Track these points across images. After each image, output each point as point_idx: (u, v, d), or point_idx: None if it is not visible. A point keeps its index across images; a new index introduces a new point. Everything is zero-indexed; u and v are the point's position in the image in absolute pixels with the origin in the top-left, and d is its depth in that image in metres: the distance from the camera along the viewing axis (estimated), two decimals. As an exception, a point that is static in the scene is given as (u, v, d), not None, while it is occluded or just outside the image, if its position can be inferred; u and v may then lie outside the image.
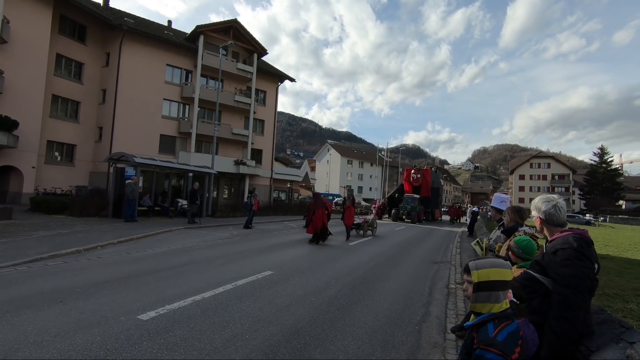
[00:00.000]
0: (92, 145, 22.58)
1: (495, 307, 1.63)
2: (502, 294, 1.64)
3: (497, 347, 1.50)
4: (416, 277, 7.77)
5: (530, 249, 2.79)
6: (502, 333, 1.55)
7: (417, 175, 30.72)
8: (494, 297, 1.64)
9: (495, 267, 1.67)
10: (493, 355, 1.49)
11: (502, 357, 1.48)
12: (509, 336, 1.55)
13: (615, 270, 8.95)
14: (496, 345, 1.51)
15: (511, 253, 2.88)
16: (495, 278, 1.64)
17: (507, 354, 1.49)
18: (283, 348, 3.69)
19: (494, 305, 1.64)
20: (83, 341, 3.50)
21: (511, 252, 2.88)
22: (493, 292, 1.64)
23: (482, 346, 1.54)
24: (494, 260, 1.73)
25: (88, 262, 7.08)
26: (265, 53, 29.11)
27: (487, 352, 1.51)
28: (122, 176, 15.34)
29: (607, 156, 71.78)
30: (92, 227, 11.53)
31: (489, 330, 1.58)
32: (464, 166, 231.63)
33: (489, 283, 1.64)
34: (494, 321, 1.59)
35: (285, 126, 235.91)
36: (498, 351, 1.49)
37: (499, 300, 1.64)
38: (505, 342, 1.52)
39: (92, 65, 22.36)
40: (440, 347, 4.13)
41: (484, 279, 1.65)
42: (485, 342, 1.54)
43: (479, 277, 1.66)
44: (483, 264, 1.69)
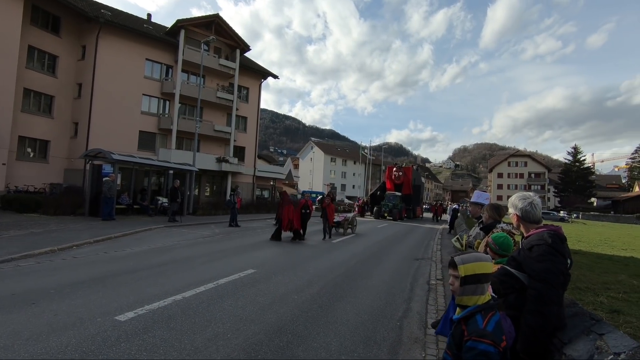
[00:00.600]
0: (67, 141, 21.78)
1: (481, 299, 1.69)
2: (486, 286, 1.71)
3: (489, 337, 1.54)
4: (398, 274, 7.87)
5: (506, 246, 2.86)
6: (490, 323, 1.60)
7: (398, 173, 30.97)
8: (479, 289, 1.70)
9: (480, 260, 1.73)
10: (485, 346, 1.53)
11: (493, 346, 1.52)
12: (496, 325, 1.60)
13: (587, 265, 9.33)
14: (487, 335, 1.55)
15: (489, 249, 2.96)
16: (481, 271, 1.70)
17: (497, 342, 1.53)
18: (265, 347, 3.67)
19: (479, 297, 1.69)
20: (57, 344, 3.39)
21: (489, 248, 2.96)
22: (479, 285, 1.70)
23: (474, 338, 1.57)
24: (477, 254, 1.79)
25: (63, 262, 6.84)
26: (248, 49, 28.76)
27: (479, 344, 1.54)
28: (99, 173, 14.88)
29: (580, 155, 74.74)
30: (67, 226, 11.14)
31: (478, 321, 1.62)
32: (445, 164, 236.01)
33: (476, 276, 1.69)
34: (481, 312, 1.64)
35: (269, 123, 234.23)
36: (490, 341, 1.53)
37: (484, 292, 1.70)
38: (494, 332, 1.56)
39: (67, 58, 21.52)
40: (421, 342, 4.20)
41: (470, 273, 1.70)
42: (477, 333, 1.58)
43: (466, 271, 1.71)
44: (469, 259, 1.74)
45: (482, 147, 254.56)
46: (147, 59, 23.50)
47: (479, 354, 1.53)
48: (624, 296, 6.00)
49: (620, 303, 5.54)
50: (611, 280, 7.32)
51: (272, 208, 25.87)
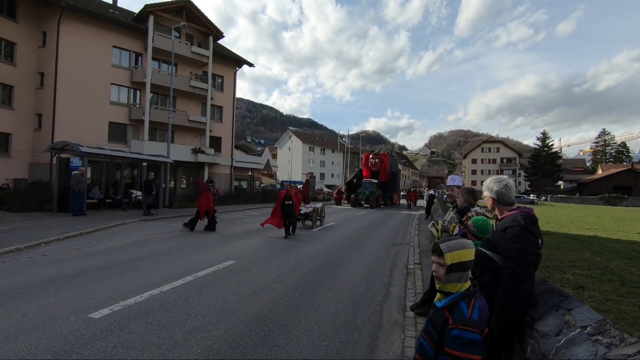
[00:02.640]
0: (31, 133, 20.60)
1: (464, 286, 1.68)
2: (466, 273, 1.69)
3: (475, 325, 1.53)
4: (377, 260, 8.01)
5: (485, 229, 2.95)
6: (475, 311, 1.59)
7: (375, 160, 30.77)
8: (464, 276, 1.68)
9: (465, 248, 1.69)
10: (472, 335, 1.52)
11: (479, 334, 1.52)
12: (480, 313, 1.60)
13: (555, 244, 9.80)
14: (474, 324, 1.54)
15: (469, 232, 3.04)
16: (467, 259, 1.67)
17: (482, 330, 1.54)
18: (246, 337, 3.66)
19: (463, 284, 1.68)
20: (26, 345, 3.24)
21: (468, 231, 3.03)
22: (464, 273, 1.67)
23: (461, 327, 1.55)
24: (463, 241, 1.74)
25: (30, 261, 6.53)
26: (222, 36, 27.92)
27: (466, 333, 1.53)
28: (67, 167, 14.22)
29: (549, 140, 77.96)
30: (34, 223, 10.63)
31: (464, 310, 1.60)
32: (422, 151, 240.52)
33: (462, 264, 1.66)
34: (465, 300, 1.63)
35: (245, 113, 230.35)
36: (476, 329, 1.52)
37: (467, 280, 1.69)
38: (479, 320, 1.57)
39: (26, 46, 20.19)
40: (400, 325, 4.30)
41: (456, 261, 1.65)
42: (463, 322, 1.56)
43: (452, 259, 1.66)
44: (454, 246, 1.70)
45: (457, 133, 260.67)
46: (115, 46, 22.39)
47: (466, 343, 1.51)
48: (589, 272, 6.35)
49: (585, 279, 5.86)
50: (577, 258, 7.72)
51: (250, 199, 25.67)
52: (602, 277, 6.12)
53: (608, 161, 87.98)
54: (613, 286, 5.54)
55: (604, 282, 5.79)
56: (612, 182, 61.70)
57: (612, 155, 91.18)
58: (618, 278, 6.06)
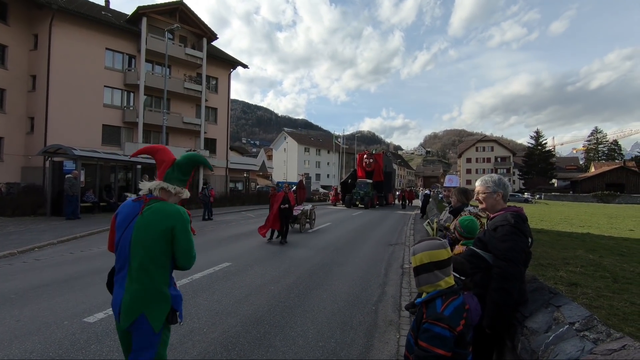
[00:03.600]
0: (23, 137, 20.40)
1: (441, 284, 1.72)
2: (441, 272, 1.73)
3: (444, 321, 1.60)
4: (373, 260, 8.04)
5: (471, 228, 2.98)
6: (448, 308, 1.64)
7: (369, 159, 30.43)
8: (433, 277, 1.73)
9: (427, 249, 1.76)
10: (440, 329, 1.58)
11: (448, 330, 1.58)
12: (454, 310, 1.64)
13: (548, 242, 9.90)
14: (443, 319, 1.60)
15: (456, 232, 3.08)
16: (428, 260, 1.74)
17: (453, 327, 1.59)
18: (242, 338, 3.67)
19: (437, 283, 1.73)
20: (20, 351, 3.23)
21: (456, 231, 3.08)
22: (431, 273, 1.74)
23: (430, 320, 1.63)
24: (429, 242, 1.80)
25: (24, 266, 6.48)
26: (215, 38, 27.86)
27: (434, 326, 1.60)
28: (60, 170, 14.12)
29: (542, 139, 78.57)
30: (27, 227, 10.54)
31: (437, 305, 1.67)
32: (417, 151, 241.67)
33: (424, 266, 1.74)
34: (442, 297, 1.69)
35: (240, 114, 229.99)
36: (445, 325, 1.59)
37: (439, 279, 1.73)
38: (451, 317, 1.61)
39: (18, 48, 20.01)
40: (396, 324, 4.33)
41: (418, 263, 1.75)
42: (433, 317, 1.64)
43: (415, 262, 1.77)
44: (418, 248, 1.79)
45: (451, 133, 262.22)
46: (108, 49, 22.27)
47: (433, 336, 1.59)
48: (581, 270, 6.43)
49: (578, 276, 5.93)
50: (570, 256, 7.81)
51: (246, 200, 25.62)
52: (594, 274, 6.20)
53: (601, 159, 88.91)
54: (605, 283, 5.61)
55: (596, 279, 5.87)
56: (604, 180, 62.42)
57: (605, 153, 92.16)
58: (610, 275, 6.15)
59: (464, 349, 1.63)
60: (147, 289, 1.90)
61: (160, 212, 1.95)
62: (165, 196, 2.07)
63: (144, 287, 1.90)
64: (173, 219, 1.95)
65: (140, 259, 1.90)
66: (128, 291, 1.90)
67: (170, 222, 1.94)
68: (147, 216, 1.95)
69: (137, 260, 1.91)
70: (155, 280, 1.92)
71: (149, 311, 1.89)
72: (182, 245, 1.96)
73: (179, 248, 1.95)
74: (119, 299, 1.93)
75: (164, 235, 1.92)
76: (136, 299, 1.89)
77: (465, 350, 1.63)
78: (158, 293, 1.93)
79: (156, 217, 1.94)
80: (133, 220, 1.97)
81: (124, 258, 1.95)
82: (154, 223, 1.93)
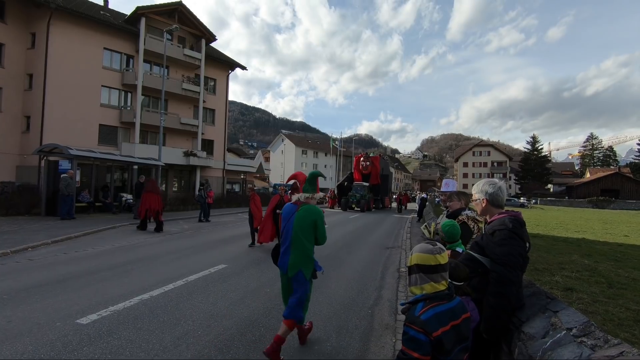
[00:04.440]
0: (19, 136, 20.26)
1: (427, 288, 1.72)
2: (426, 276, 1.73)
3: (418, 324, 1.61)
4: (369, 263, 8.02)
5: (451, 234, 2.98)
6: (427, 313, 1.64)
7: (366, 162, 30.07)
8: (420, 279, 1.75)
9: (419, 252, 1.78)
10: (415, 332, 1.60)
11: (423, 334, 1.58)
12: (434, 316, 1.63)
13: (544, 247, 9.93)
14: (417, 322, 1.61)
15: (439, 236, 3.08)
16: (416, 262, 1.77)
17: (428, 331, 1.58)
18: (237, 342, 3.63)
19: (422, 286, 1.74)
20: (11, 352, 3.18)
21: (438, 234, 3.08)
22: (417, 275, 1.76)
23: (407, 323, 1.66)
24: (423, 245, 1.82)
25: (16, 265, 6.41)
26: (214, 39, 27.87)
27: (409, 329, 1.62)
28: (55, 170, 14.01)
29: (538, 144, 78.97)
30: (21, 227, 10.44)
31: (416, 309, 1.68)
32: (414, 155, 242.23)
33: (413, 267, 1.79)
34: (425, 301, 1.70)
35: (238, 116, 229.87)
36: (419, 328, 1.60)
37: (424, 282, 1.73)
38: (428, 321, 1.61)
39: (14, 47, 19.90)
40: (392, 328, 4.31)
41: (414, 263, 1.78)
42: (409, 319, 1.66)
43: (411, 261, 1.81)
44: (416, 248, 1.82)
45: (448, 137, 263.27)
46: (106, 48, 22.22)
47: (408, 339, 1.62)
48: (577, 275, 6.45)
49: (573, 281, 5.94)
50: (565, 261, 7.84)
51: (243, 202, 25.52)
52: (590, 279, 6.22)
53: (596, 165, 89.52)
54: (601, 288, 5.63)
55: (591, 284, 5.88)
56: (600, 186, 62.78)
57: (600, 159, 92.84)
58: (605, 280, 6.17)
59: (445, 355, 1.61)
60: (303, 255, 3.34)
61: (308, 210, 3.41)
62: (308, 200, 3.53)
63: (301, 254, 3.34)
64: (315, 214, 3.41)
65: (299, 237, 3.33)
66: (292, 255, 3.34)
67: (314, 217, 3.39)
68: (302, 213, 3.40)
69: (297, 238, 3.34)
70: (307, 249, 3.36)
71: (304, 267, 3.35)
72: (320, 230, 3.43)
73: (319, 232, 3.42)
74: (285, 260, 3.38)
75: (311, 224, 3.36)
76: (297, 260, 3.33)
77: (447, 356, 1.62)
78: (308, 257, 3.38)
79: (306, 213, 3.39)
80: (293, 215, 3.41)
81: (289, 237, 3.38)
82: (306, 217, 3.37)
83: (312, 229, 3.36)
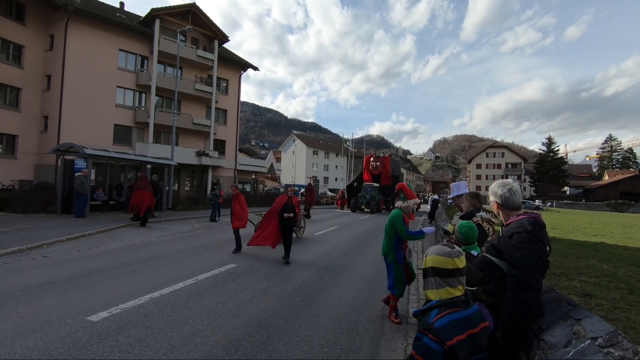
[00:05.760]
0: (37, 135, 20.78)
1: (443, 294, 1.64)
2: (442, 280, 1.65)
3: (433, 332, 1.53)
4: (380, 264, 7.86)
5: (468, 235, 2.86)
6: (442, 319, 1.57)
7: (376, 163, 29.41)
8: (435, 283, 1.67)
9: (436, 254, 1.69)
10: (428, 340, 1.52)
11: (437, 342, 1.50)
12: (449, 323, 1.56)
13: (561, 251, 9.64)
14: (432, 330, 1.54)
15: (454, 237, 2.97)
16: (432, 265, 1.69)
17: (442, 340, 1.51)
18: (245, 342, 3.59)
19: (438, 291, 1.65)
20: (22, 348, 3.20)
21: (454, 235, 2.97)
22: (433, 279, 1.69)
23: (420, 329, 1.58)
24: (440, 247, 1.74)
25: (31, 262, 6.52)
26: (227, 40, 28.08)
27: (423, 336, 1.55)
28: (71, 169, 14.31)
29: (554, 146, 77.29)
30: (37, 224, 10.66)
31: (431, 315, 1.61)
32: (426, 156, 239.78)
33: (428, 269, 1.70)
34: (440, 308, 1.62)
35: (250, 116, 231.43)
36: (433, 337, 1.52)
37: (440, 287, 1.65)
38: (442, 328, 1.53)
39: (34, 49, 20.43)
40: (403, 332, 4.21)
41: (429, 265, 1.70)
42: (423, 326, 1.59)
43: (425, 263, 1.73)
44: (429, 250, 1.74)
45: (461, 138, 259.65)
46: (121, 50, 22.60)
47: (420, 346, 1.54)
48: (596, 280, 6.21)
49: (592, 287, 5.73)
50: (583, 265, 7.58)
51: (254, 202, 25.60)
52: (609, 284, 5.98)
53: (615, 167, 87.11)
54: (621, 294, 5.40)
55: (611, 290, 5.65)
56: (618, 188, 61.07)
57: (619, 161, 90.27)
58: (626, 286, 5.93)
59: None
60: (386, 245, 4.62)
61: (392, 213, 4.61)
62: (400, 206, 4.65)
63: (385, 244, 4.63)
64: (393, 217, 4.54)
65: (385, 232, 4.63)
66: (383, 245, 4.70)
67: (392, 218, 4.54)
68: (391, 214, 4.60)
69: (385, 232, 4.63)
70: (388, 241, 4.59)
71: (387, 254, 4.62)
72: (398, 227, 4.46)
73: (398, 228, 4.47)
74: None
75: (390, 223, 4.56)
76: (383, 248, 4.68)
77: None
78: (388, 247, 4.59)
79: (392, 215, 4.58)
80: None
81: None
82: (389, 218, 4.58)
83: (392, 226, 4.51)
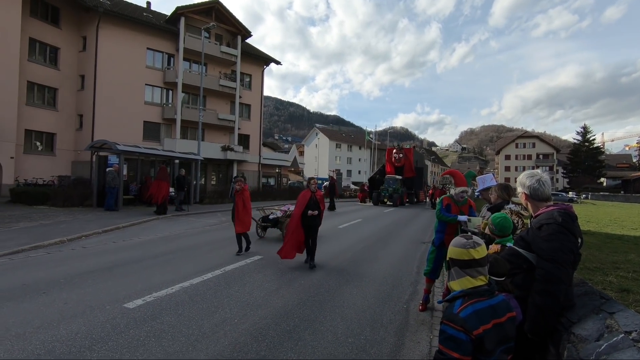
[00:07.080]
0: (73, 133, 21.90)
1: (465, 283, 1.63)
2: (461, 271, 1.65)
3: (458, 322, 1.50)
4: (404, 257, 7.86)
5: (502, 227, 2.79)
6: (467, 309, 1.54)
7: (399, 154, 28.45)
8: (457, 273, 1.67)
9: (453, 245, 1.71)
10: (454, 331, 1.49)
11: (463, 333, 1.48)
12: (474, 313, 1.53)
13: (596, 245, 9.22)
14: (457, 321, 1.51)
15: (488, 229, 2.90)
16: (450, 256, 1.70)
17: (468, 329, 1.48)
18: (272, 331, 3.70)
19: (459, 280, 1.65)
20: (67, 332, 3.44)
21: (488, 228, 2.90)
22: (454, 270, 1.69)
23: (445, 321, 1.56)
24: (457, 238, 1.74)
25: (72, 252, 6.94)
26: (249, 35, 28.36)
27: (448, 328, 1.52)
28: (105, 165, 14.97)
29: (590, 135, 73.25)
30: (75, 217, 11.28)
31: (455, 306, 1.58)
32: (452, 147, 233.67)
33: (453, 261, 1.70)
34: (464, 298, 1.60)
35: (273, 111, 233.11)
36: (459, 327, 1.49)
37: (460, 277, 1.65)
38: (467, 318, 1.51)
39: (68, 50, 21.44)
40: (428, 324, 4.19)
41: (450, 256, 1.72)
42: (448, 317, 1.56)
43: (449, 254, 1.73)
44: (453, 242, 1.74)
45: (489, 129, 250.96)
46: (148, 48, 23.33)
47: (447, 338, 1.51)
48: (634, 275, 5.92)
49: (630, 282, 5.47)
50: (620, 260, 7.23)
51: (277, 195, 25.94)
52: (649, 280, 5.69)
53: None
54: (662, 290, 5.13)
55: (651, 285, 5.37)
56: (661, 179, 57.31)
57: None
58: (668, 282, 5.61)
59: (487, 356, 1.51)
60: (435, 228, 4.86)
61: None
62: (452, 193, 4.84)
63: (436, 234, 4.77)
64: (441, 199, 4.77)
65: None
66: None
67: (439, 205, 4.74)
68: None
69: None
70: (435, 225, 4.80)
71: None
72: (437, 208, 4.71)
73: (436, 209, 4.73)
74: None
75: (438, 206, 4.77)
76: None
77: (488, 357, 1.51)
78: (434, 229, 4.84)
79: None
80: None
81: None
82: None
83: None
